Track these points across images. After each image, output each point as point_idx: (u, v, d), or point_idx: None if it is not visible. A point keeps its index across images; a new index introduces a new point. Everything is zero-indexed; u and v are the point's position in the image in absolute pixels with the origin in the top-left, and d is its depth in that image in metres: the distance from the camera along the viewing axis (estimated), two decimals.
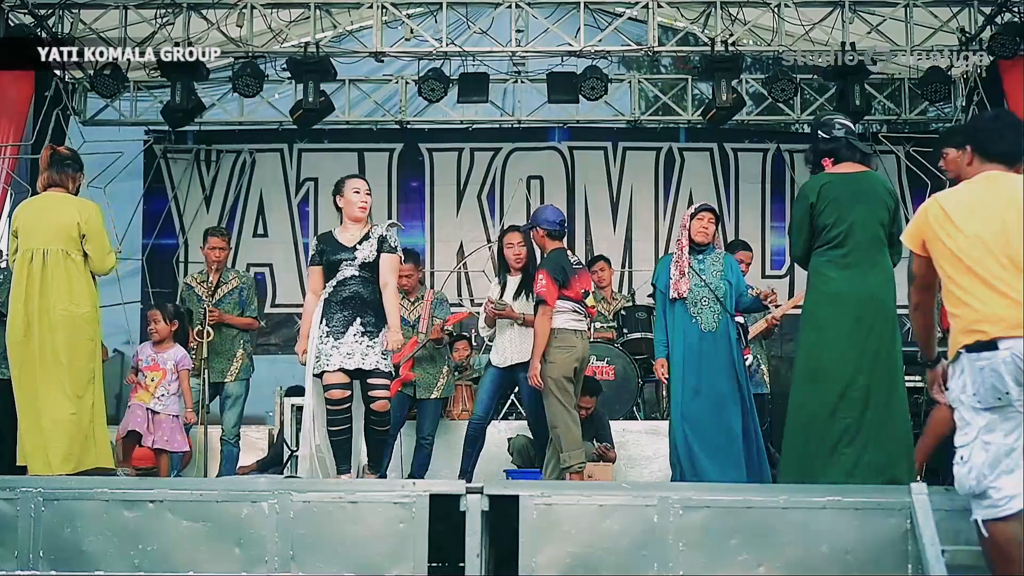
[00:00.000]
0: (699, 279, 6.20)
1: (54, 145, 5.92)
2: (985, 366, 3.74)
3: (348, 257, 5.90)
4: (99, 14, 9.10)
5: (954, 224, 3.86)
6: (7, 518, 4.57)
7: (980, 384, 3.76)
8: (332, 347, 5.81)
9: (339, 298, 5.88)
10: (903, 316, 4.83)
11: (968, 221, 3.84)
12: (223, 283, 7.63)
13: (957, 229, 3.85)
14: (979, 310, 3.75)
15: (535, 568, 4.39)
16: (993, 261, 3.77)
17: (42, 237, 5.51)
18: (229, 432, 7.56)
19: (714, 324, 6.15)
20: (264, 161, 10.86)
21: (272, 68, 9.72)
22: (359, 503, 4.52)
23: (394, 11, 9.14)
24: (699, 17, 9.61)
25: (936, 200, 3.99)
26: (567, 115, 10.63)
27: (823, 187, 5.20)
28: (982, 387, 3.76)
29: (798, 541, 4.39)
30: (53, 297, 5.44)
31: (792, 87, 9.32)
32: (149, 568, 4.48)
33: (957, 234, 3.84)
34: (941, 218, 3.91)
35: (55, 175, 5.64)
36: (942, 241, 3.88)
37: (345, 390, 5.81)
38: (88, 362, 5.53)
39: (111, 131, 10.36)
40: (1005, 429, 3.76)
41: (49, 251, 5.49)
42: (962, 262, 3.81)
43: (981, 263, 3.77)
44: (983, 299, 3.75)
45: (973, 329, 3.76)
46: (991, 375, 3.72)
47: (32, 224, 5.57)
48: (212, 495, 4.58)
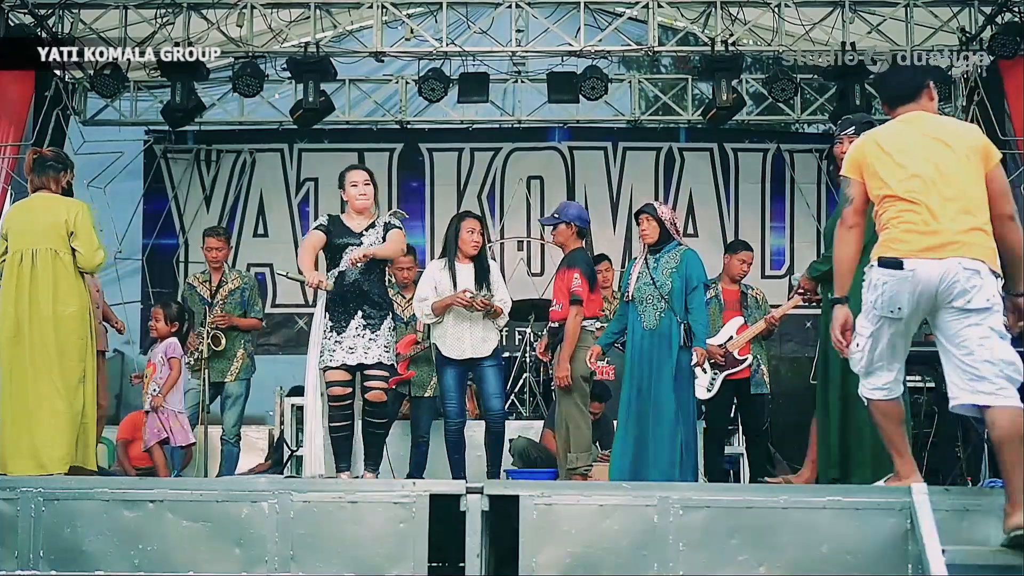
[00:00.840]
0: (648, 277, 6.18)
1: (37, 148, 5.93)
2: (889, 280, 4.19)
3: (355, 242, 5.93)
4: (99, 14, 9.09)
5: (893, 159, 4.28)
6: (7, 518, 4.57)
7: (881, 295, 4.22)
8: (335, 342, 5.86)
9: (340, 290, 5.90)
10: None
11: (905, 156, 4.27)
12: (225, 283, 7.66)
13: (897, 165, 4.26)
14: (897, 228, 4.21)
15: (535, 568, 4.39)
16: (925, 195, 4.19)
17: (30, 238, 5.51)
18: (229, 432, 7.57)
19: (655, 322, 6.09)
20: (264, 161, 10.86)
21: (272, 68, 9.72)
22: (359, 503, 4.52)
23: (394, 11, 9.14)
24: (699, 17, 9.60)
25: (872, 137, 4.42)
26: (567, 115, 10.63)
27: None
28: (882, 298, 4.22)
29: (798, 541, 4.39)
30: (41, 297, 5.44)
31: (792, 87, 9.32)
32: (149, 568, 4.48)
33: (896, 169, 4.26)
34: (877, 152, 4.32)
35: (37, 179, 5.67)
36: (879, 175, 4.29)
37: (346, 387, 5.86)
38: (78, 361, 5.50)
39: (111, 131, 10.36)
40: (890, 335, 4.30)
41: (37, 251, 5.48)
42: (895, 193, 4.24)
43: (913, 195, 4.20)
44: (906, 222, 4.19)
45: (889, 246, 4.22)
46: (893, 289, 4.19)
47: (20, 226, 5.58)
48: (212, 495, 4.58)
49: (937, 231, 4.18)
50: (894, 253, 4.22)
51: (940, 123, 4.45)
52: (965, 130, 4.51)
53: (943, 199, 4.21)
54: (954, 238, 4.17)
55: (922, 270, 4.17)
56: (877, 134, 4.46)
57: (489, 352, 6.62)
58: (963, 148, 4.31)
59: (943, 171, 4.25)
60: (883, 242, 4.28)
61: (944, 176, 4.24)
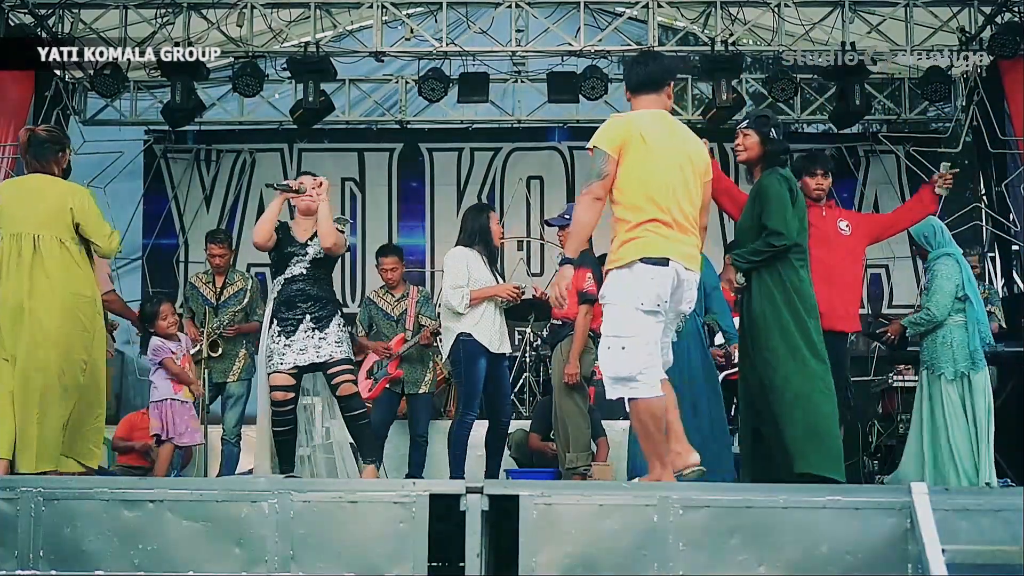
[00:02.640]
0: None
1: (32, 127, 5.61)
2: (656, 276, 4.49)
3: (299, 252, 6.04)
4: (99, 14, 9.10)
5: (652, 152, 4.53)
6: (7, 518, 4.57)
7: (646, 291, 4.48)
8: (284, 346, 5.93)
9: (285, 297, 6.00)
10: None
11: (662, 157, 4.55)
12: (229, 284, 7.72)
13: (654, 161, 4.53)
14: (657, 233, 4.51)
15: (535, 568, 4.39)
16: (674, 203, 4.55)
17: (32, 222, 5.26)
18: (230, 432, 7.58)
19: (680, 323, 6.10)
20: (264, 161, 10.86)
21: (272, 68, 9.74)
22: (359, 503, 4.51)
23: (394, 11, 9.14)
24: (699, 17, 9.62)
25: (637, 125, 4.58)
26: (567, 115, 10.64)
27: (792, 181, 5.30)
28: (647, 294, 4.47)
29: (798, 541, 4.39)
30: (52, 285, 5.22)
31: (792, 87, 9.33)
32: (149, 568, 4.48)
33: (654, 169, 4.53)
34: (639, 141, 4.55)
35: (34, 161, 5.39)
36: (639, 163, 4.54)
37: (288, 392, 5.92)
38: (81, 353, 5.31)
39: (111, 131, 10.37)
40: (656, 330, 4.55)
41: (41, 237, 5.24)
42: (651, 193, 4.53)
43: (666, 199, 4.53)
44: (663, 225, 4.51)
45: (651, 244, 4.51)
46: (658, 285, 4.48)
47: (18, 207, 5.30)
48: (212, 495, 4.57)
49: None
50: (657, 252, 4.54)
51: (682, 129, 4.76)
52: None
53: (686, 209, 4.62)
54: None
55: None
56: (641, 123, 4.62)
57: (508, 350, 6.71)
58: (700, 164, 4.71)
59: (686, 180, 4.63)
60: (643, 243, 4.54)
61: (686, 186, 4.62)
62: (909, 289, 10.44)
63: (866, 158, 10.66)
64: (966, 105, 9.73)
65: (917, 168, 10.10)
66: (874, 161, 10.65)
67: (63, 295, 5.25)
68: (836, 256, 5.73)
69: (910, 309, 10.20)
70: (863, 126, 10.54)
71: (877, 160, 10.64)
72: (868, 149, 10.63)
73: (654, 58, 4.84)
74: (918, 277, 10.42)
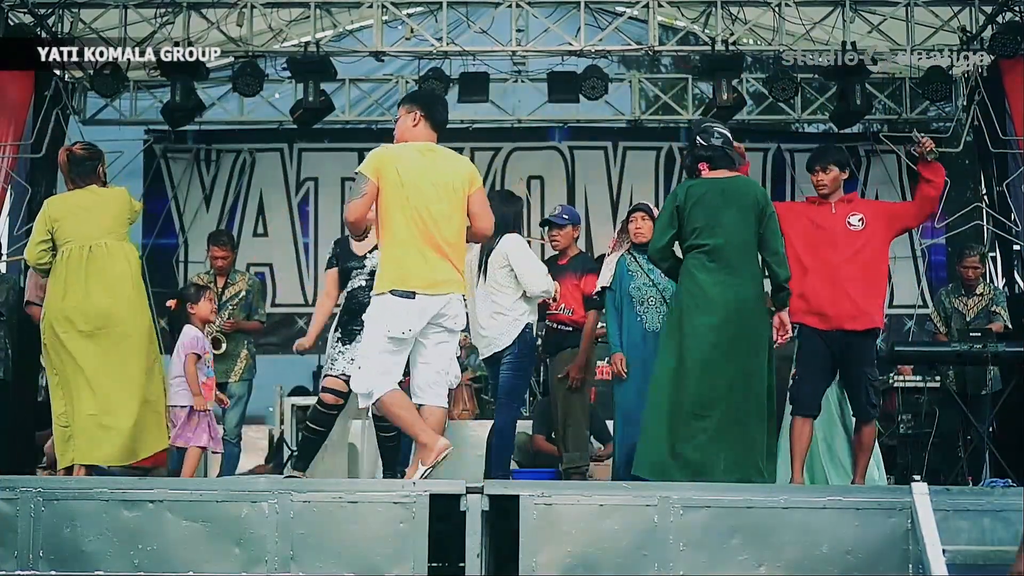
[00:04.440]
0: (647, 278, 6.18)
1: (68, 147, 5.95)
2: (403, 308, 4.83)
3: (358, 265, 6.07)
4: (99, 14, 9.09)
5: (403, 186, 4.85)
6: (7, 518, 4.57)
7: (393, 320, 4.84)
8: (339, 352, 6.03)
9: (349, 309, 6.07)
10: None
11: (414, 191, 4.86)
12: (230, 284, 7.77)
13: (406, 194, 4.84)
14: (407, 265, 4.86)
15: (535, 568, 4.39)
16: (428, 235, 4.85)
17: (91, 232, 5.59)
18: (231, 432, 7.58)
19: (658, 324, 6.07)
20: (264, 161, 10.85)
21: (272, 68, 9.72)
22: (359, 503, 4.52)
23: (394, 10, 9.13)
24: (699, 16, 9.60)
25: (391, 159, 4.92)
26: (567, 115, 10.63)
27: (690, 188, 5.37)
28: (393, 323, 4.83)
29: (798, 541, 4.39)
30: (117, 288, 5.54)
31: (793, 87, 9.31)
32: (149, 568, 4.48)
33: (406, 202, 4.85)
34: (392, 170, 4.89)
35: (80, 178, 5.72)
36: (392, 191, 4.87)
37: (338, 397, 5.98)
38: (154, 347, 5.73)
39: (111, 131, 10.34)
40: (400, 353, 4.92)
41: (98, 245, 5.57)
42: (406, 223, 4.85)
43: (421, 232, 4.85)
44: (408, 257, 4.85)
45: (399, 278, 4.86)
46: (405, 316, 4.83)
47: (75, 221, 5.60)
48: (212, 495, 4.58)
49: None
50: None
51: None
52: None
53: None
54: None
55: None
56: (398, 157, 4.96)
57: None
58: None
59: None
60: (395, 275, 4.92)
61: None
62: (910, 289, 10.42)
63: (867, 158, 10.64)
64: (967, 105, 9.70)
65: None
66: (875, 161, 10.63)
67: (134, 296, 5.64)
68: (842, 255, 5.67)
69: (910, 309, 10.21)
70: (864, 126, 10.52)
71: (878, 160, 10.62)
72: (869, 149, 10.61)
73: (439, 100, 5.39)
74: (918, 277, 10.42)
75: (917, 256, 10.43)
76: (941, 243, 10.34)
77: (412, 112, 5.10)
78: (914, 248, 10.44)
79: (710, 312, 5.20)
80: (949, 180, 6.17)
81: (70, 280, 5.51)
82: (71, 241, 5.56)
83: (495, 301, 6.14)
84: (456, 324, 4.99)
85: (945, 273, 10.27)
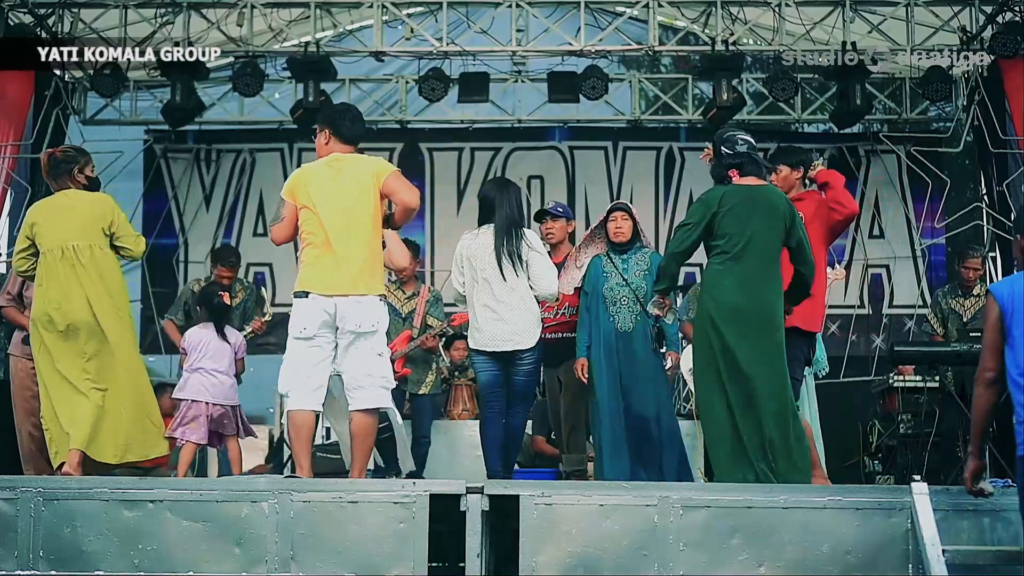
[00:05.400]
0: (620, 278, 6.17)
1: (51, 150, 5.94)
2: (301, 308, 5.10)
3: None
4: (99, 14, 9.10)
5: (311, 197, 5.13)
6: (7, 518, 4.57)
7: (296, 320, 5.10)
8: None
9: None
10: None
11: (321, 201, 5.12)
12: (232, 296, 7.75)
13: (315, 204, 5.11)
14: (306, 269, 5.11)
15: (535, 568, 4.39)
16: (328, 242, 5.06)
17: (66, 234, 5.52)
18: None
19: (631, 324, 6.08)
20: (264, 161, 10.85)
21: (272, 68, 9.72)
22: (359, 503, 4.52)
23: (394, 10, 9.14)
24: (699, 16, 9.61)
25: (302, 177, 5.26)
26: (567, 115, 10.63)
27: (725, 195, 5.30)
28: (295, 323, 5.11)
29: (798, 541, 4.39)
30: (95, 290, 5.48)
31: (793, 86, 9.32)
32: (149, 568, 4.48)
33: (315, 213, 5.11)
34: (303, 188, 5.18)
35: (56, 181, 5.70)
36: (306, 207, 5.14)
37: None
38: (137, 349, 5.75)
39: (111, 131, 10.35)
40: (309, 355, 5.11)
41: (78, 247, 5.51)
42: (312, 231, 5.10)
43: (323, 240, 5.07)
44: (313, 262, 5.10)
45: (299, 280, 5.13)
46: (301, 315, 5.09)
47: (51, 224, 5.57)
48: (212, 495, 4.58)
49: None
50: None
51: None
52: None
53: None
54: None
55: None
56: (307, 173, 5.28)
57: None
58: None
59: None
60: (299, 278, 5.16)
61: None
62: (910, 289, 10.42)
63: (867, 158, 10.65)
64: (967, 105, 9.72)
65: (918, 168, 10.10)
66: (875, 161, 10.63)
67: (114, 298, 5.57)
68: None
69: (911, 309, 10.21)
70: (864, 126, 10.52)
71: (878, 160, 10.62)
72: (869, 149, 10.61)
73: (356, 115, 5.81)
74: (918, 277, 10.41)
75: (917, 256, 10.43)
76: (941, 243, 10.34)
77: (322, 131, 5.47)
78: (914, 248, 10.44)
79: (735, 320, 5.13)
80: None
81: (49, 282, 5.51)
82: (50, 243, 5.55)
83: (523, 297, 5.99)
84: (359, 326, 5.07)
85: (945, 273, 10.27)
